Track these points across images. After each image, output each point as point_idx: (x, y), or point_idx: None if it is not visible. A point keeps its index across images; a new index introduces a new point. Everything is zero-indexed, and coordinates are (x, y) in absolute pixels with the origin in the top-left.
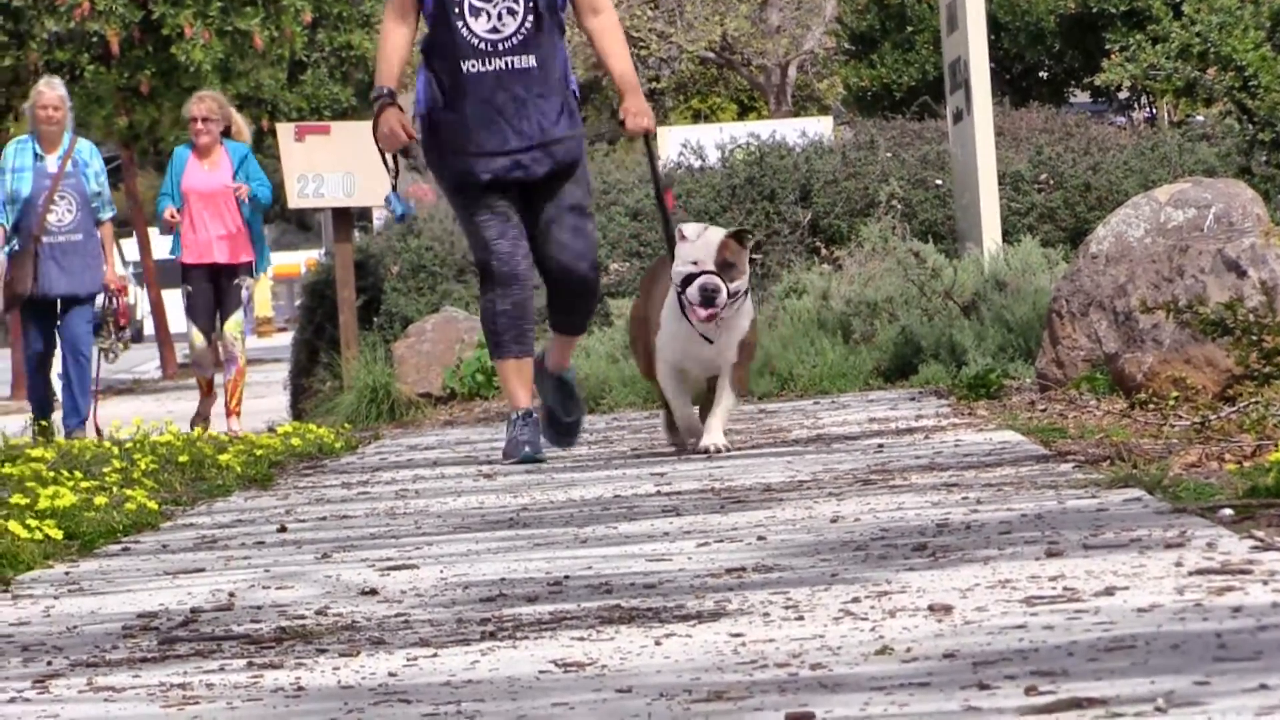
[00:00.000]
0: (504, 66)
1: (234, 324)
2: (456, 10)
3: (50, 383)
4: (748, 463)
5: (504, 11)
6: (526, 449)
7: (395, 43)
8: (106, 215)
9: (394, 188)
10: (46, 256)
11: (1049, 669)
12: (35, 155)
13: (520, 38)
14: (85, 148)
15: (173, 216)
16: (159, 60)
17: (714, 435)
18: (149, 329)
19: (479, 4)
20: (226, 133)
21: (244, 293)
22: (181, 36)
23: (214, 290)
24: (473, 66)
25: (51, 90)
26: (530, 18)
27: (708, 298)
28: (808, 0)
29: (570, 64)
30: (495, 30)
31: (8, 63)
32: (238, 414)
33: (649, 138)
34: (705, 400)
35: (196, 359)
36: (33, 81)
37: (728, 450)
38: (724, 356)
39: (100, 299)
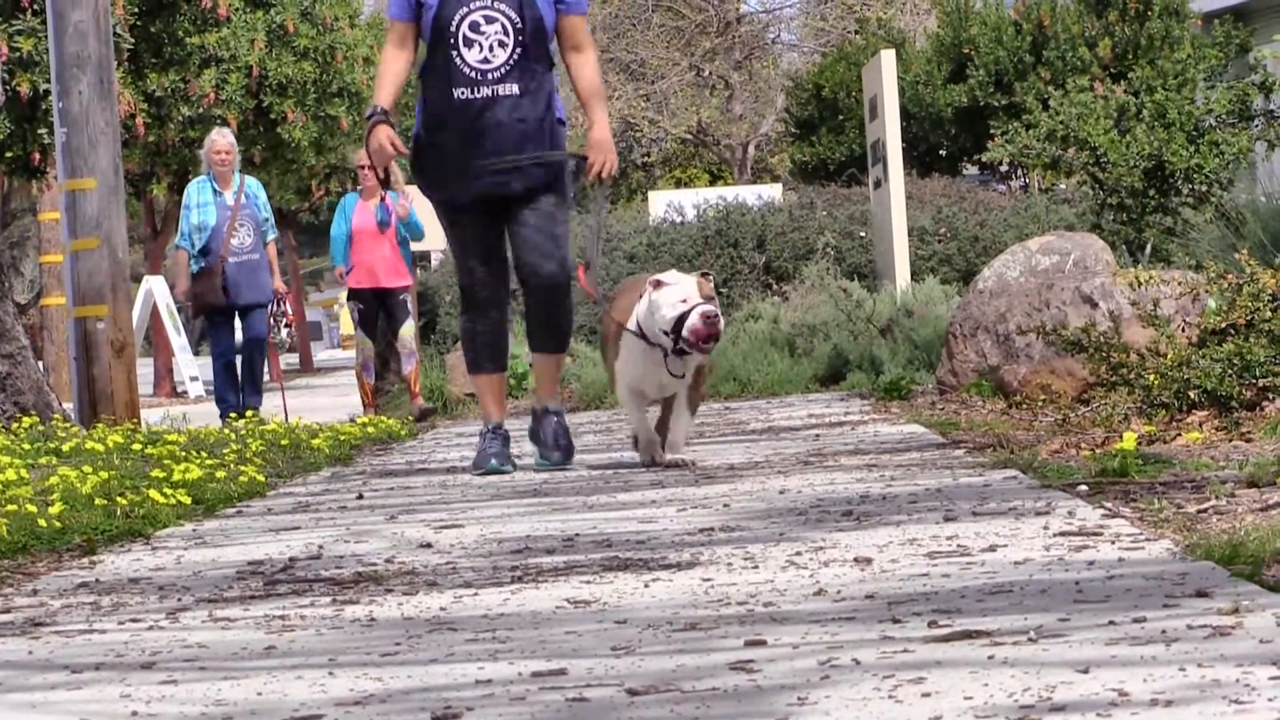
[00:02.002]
0: (490, 94)
1: (407, 329)
2: (451, 41)
3: (233, 380)
4: (715, 448)
5: (495, 44)
6: (493, 461)
7: (394, 68)
8: (271, 237)
9: (388, 190)
10: (232, 273)
11: (946, 608)
12: (214, 191)
13: (507, 68)
14: (252, 183)
15: (341, 276)
16: (268, 137)
17: (680, 452)
18: None
19: (472, 35)
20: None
21: (408, 305)
22: (285, 119)
23: (379, 307)
24: (462, 94)
25: (223, 138)
26: (519, 50)
27: (712, 323)
28: (763, 94)
29: (558, 94)
30: (486, 61)
31: (151, 138)
32: (419, 395)
33: (604, 180)
34: (665, 407)
35: (365, 361)
36: (171, 154)
37: (692, 464)
38: (683, 381)
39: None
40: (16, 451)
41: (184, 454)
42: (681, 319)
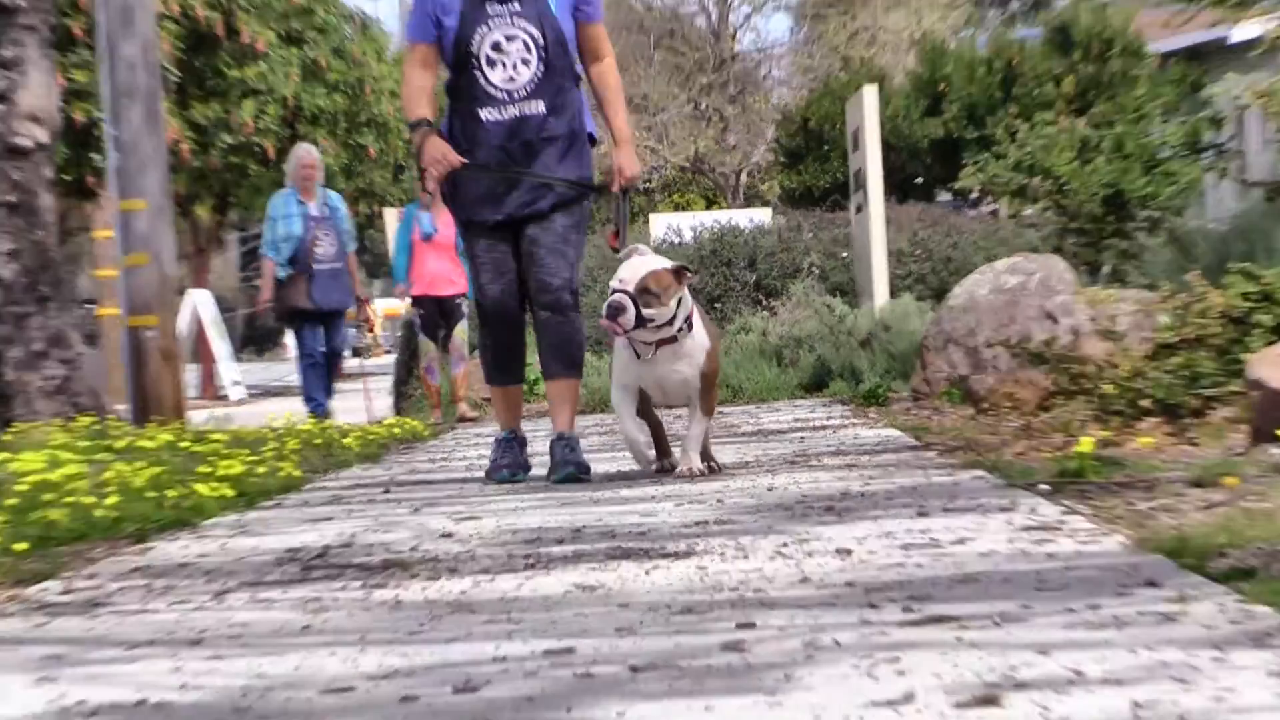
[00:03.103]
0: (518, 114)
1: (461, 330)
2: (475, 62)
3: (320, 380)
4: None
5: (518, 62)
6: (504, 471)
7: (419, 84)
8: (351, 248)
9: (427, 207)
10: (317, 280)
11: (919, 594)
12: (298, 203)
13: (532, 86)
14: (334, 197)
15: (402, 294)
16: None
17: (690, 459)
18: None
19: (495, 56)
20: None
21: (463, 310)
22: (318, 147)
23: (439, 311)
24: (490, 114)
25: (310, 154)
26: (542, 68)
27: (611, 312)
28: (754, 126)
29: (586, 108)
30: (511, 80)
31: (196, 163)
32: (464, 400)
33: (628, 191)
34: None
35: (429, 363)
36: (214, 178)
37: (703, 473)
38: (689, 385)
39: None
40: (75, 448)
41: (227, 451)
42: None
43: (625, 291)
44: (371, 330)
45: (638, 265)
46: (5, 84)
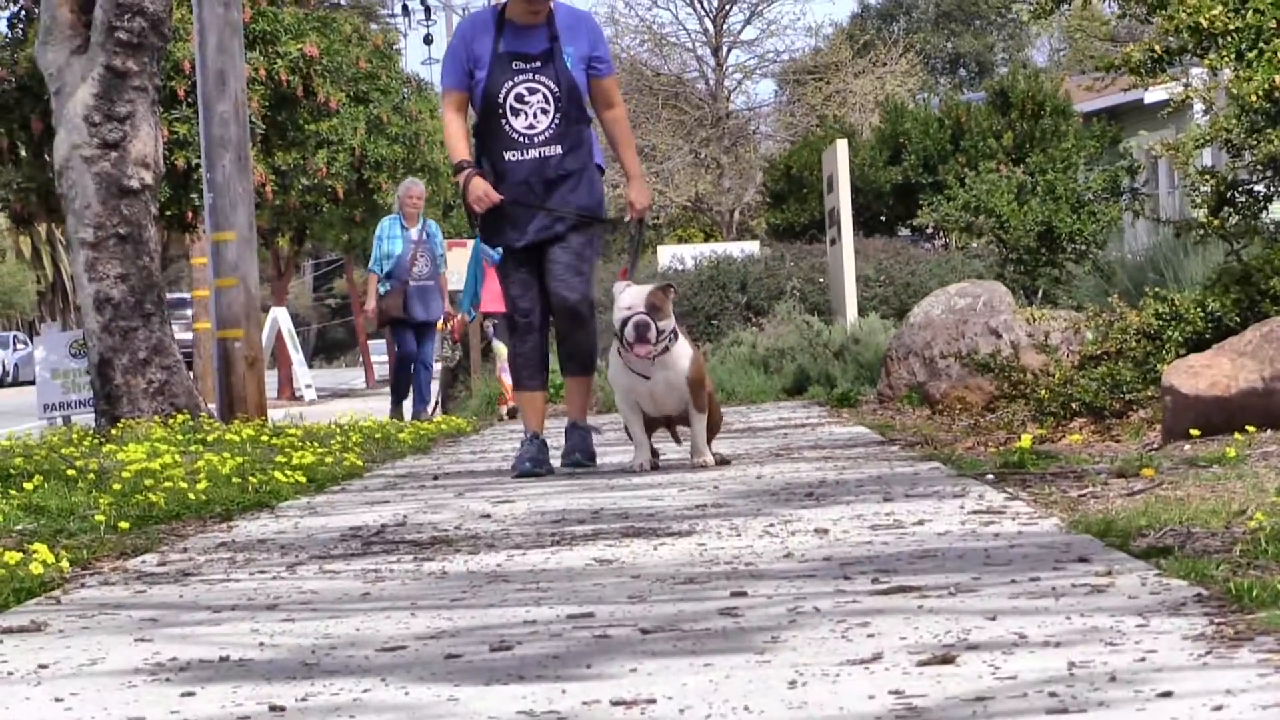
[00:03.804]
0: (538, 155)
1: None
2: (500, 111)
3: (407, 379)
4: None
5: (538, 111)
6: (528, 464)
7: (459, 128)
8: (443, 269)
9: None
10: (413, 295)
11: (886, 568)
12: (402, 228)
13: (551, 132)
14: (433, 225)
15: (463, 322)
16: (367, 202)
17: (702, 454)
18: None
19: (518, 106)
20: None
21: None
22: (380, 189)
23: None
24: (513, 156)
25: (416, 186)
26: (559, 116)
27: (640, 334)
28: (745, 172)
29: (596, 143)
30: (531, 127)
31: (277, 202)
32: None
33: (643, 220)
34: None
35: (503, 365)
36: (293, 215)
37: (715, 464)
38: (680, 393)
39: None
40: (172, 441)
41: (300, 444)
42: (624, 324)
43: (643, 312)
44: (456, 340)
45: (634, 291)
46: (119, 135)
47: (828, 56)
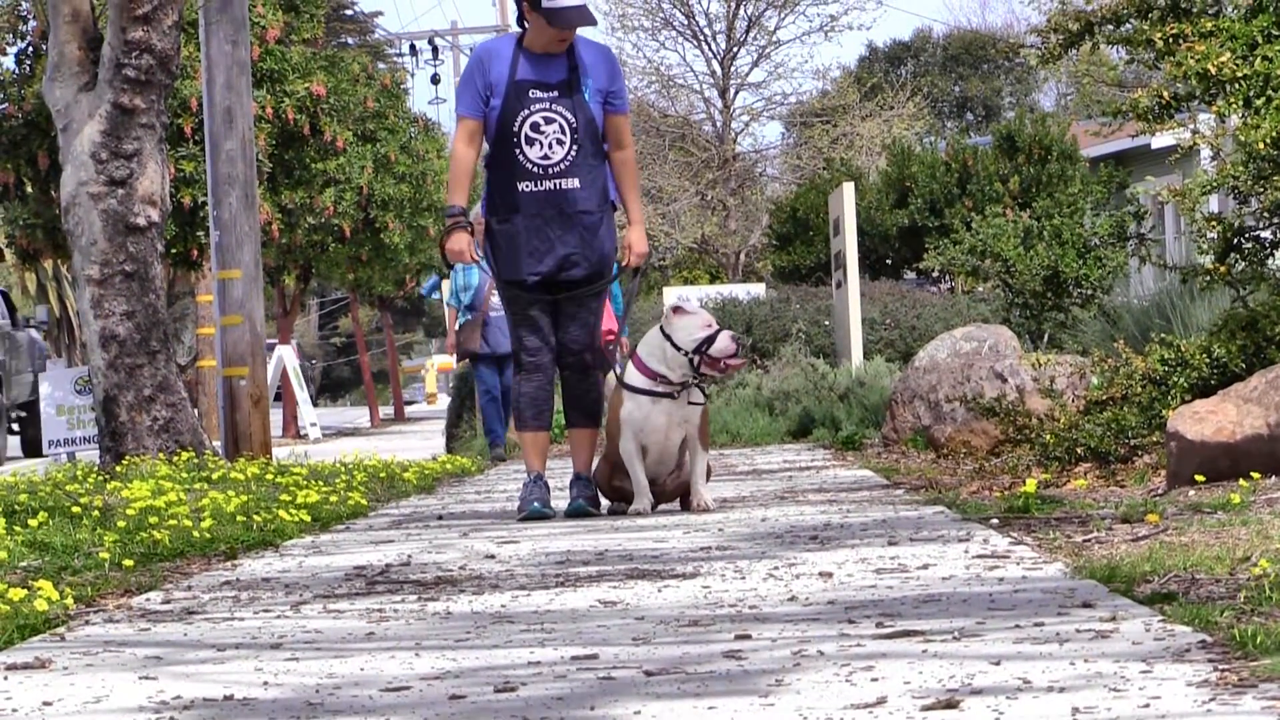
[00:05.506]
0: (553, 187)
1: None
2: (515, 140)
3: (499, 413)
4: (712, 485)
5: (554, 142)
6: (535, 504)
7: (465, 166)
8: None
9: (442, 278)
10: (494, 326)
11: (890, 612)
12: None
13: (567, 163)
14: None
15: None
16: (373, 241)
17: (701, 496)
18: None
19: (533, 135)
20: None
21: (617, 354)
22: (386, 228)
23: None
24: (527, 187)
25: None
26: (575, 147)
27: (739, 346)
28: (752, 214)
29: (612, 180)
30: (546, 157)
31: (284, 240)
32: None
33: (640, 269)
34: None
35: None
36: (299, 253)
37: (715, 507)
38: (688, 427)
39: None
40: (177, 479)
41: (305, 482)
42: (709, 340)
43: (728, 328)
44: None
45: (702, 311)
46: (126, 173)
47: (835, 99)
